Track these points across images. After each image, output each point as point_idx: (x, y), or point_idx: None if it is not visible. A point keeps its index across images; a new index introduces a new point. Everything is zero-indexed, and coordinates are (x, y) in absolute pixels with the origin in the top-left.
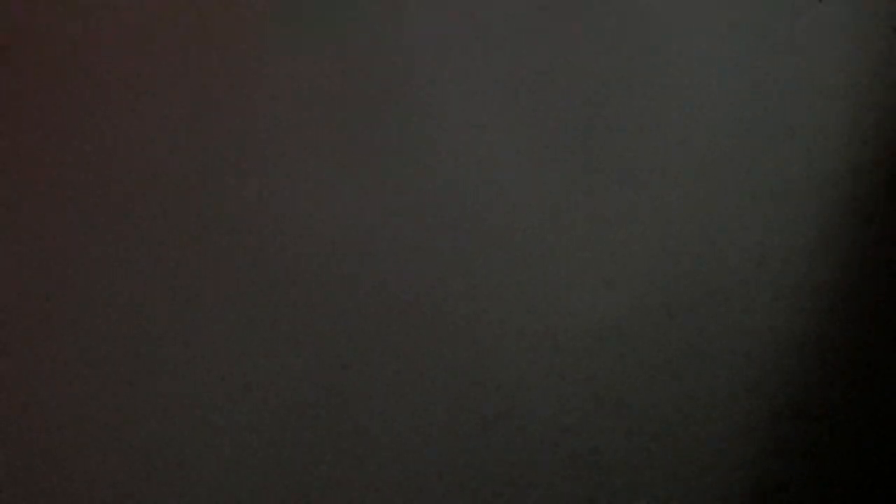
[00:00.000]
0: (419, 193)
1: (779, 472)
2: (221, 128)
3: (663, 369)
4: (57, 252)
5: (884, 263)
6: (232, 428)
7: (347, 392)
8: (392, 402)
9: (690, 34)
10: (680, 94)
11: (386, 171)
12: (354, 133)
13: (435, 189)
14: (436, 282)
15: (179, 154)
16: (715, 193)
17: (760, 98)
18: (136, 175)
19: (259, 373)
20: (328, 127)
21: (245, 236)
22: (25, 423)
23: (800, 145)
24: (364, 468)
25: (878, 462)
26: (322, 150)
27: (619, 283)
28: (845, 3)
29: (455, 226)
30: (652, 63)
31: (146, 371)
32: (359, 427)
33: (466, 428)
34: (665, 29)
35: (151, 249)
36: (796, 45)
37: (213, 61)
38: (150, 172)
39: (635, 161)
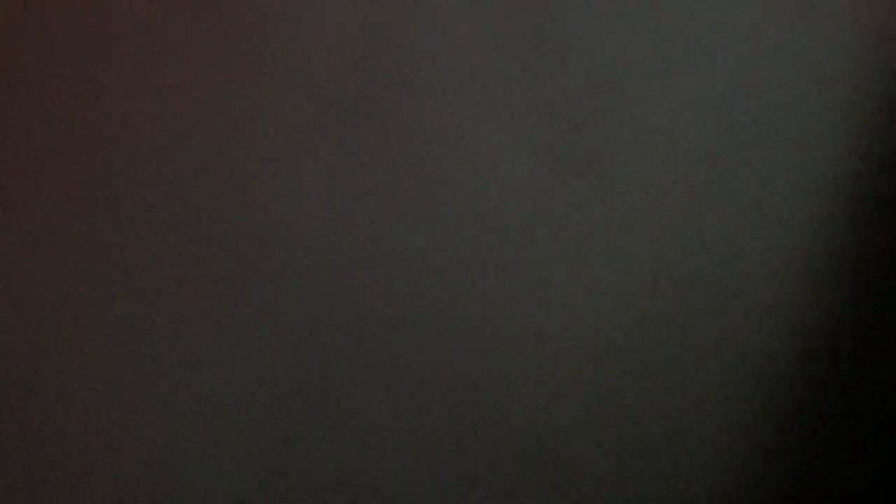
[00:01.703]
0: (412, 193)
1: (777, 476)
2: (220, 127)
3: (662, 370)
4: (54, 250)
5: (884, 264)
6: (231, 426)
7: (342, 392)
8: (384, 403)
9: (690, 34)
10: (680, 94)
11: (380, 171)
12: (351, 132)
13: (429, 187)
14: (430, 282)
15: (178, 153)
16: (715, 194)
17: (760, 99)
18: (132, 174)
19: (256, 371)
20: (324, 124)
21: (243, 235)
22: (24, 422)
23: (800, 145)
24: (361, 467)
25: (880, 466)
26: (319, 147)
27: (617, 283)
28: (846, 4)
29: (451, 225)
30: (652, 64)
31: (142, 371)
32: (354, 428)
33: (459, 429)
34: (665, 29)
35: (147, 249)
36: (797, 46)
37: (214, 60)
38: (147, 171)
39: (635, 161)
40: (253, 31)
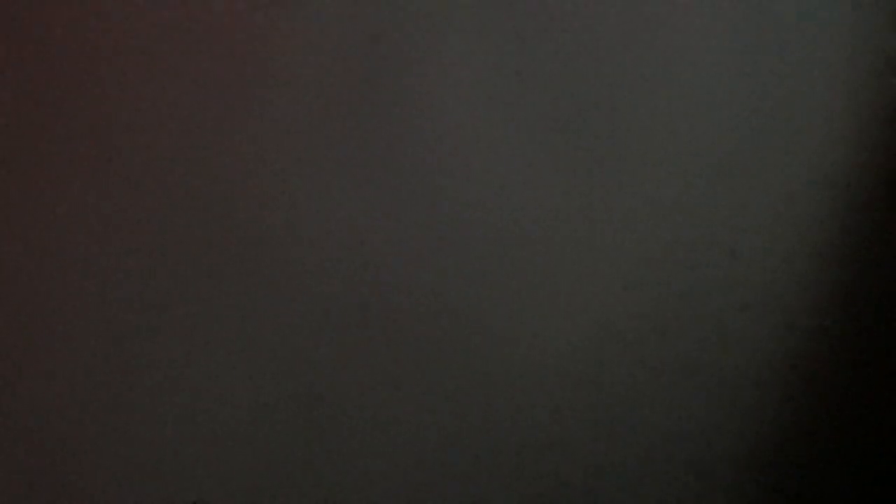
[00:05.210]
0: (414, 196)
1: (778, 479)
2: (222, 130)
3: (662, 372)
4: (54, 248)
5: (884, 265)
6: (232, 426)
7: (343, 396)
8: (385, 405)
9: (691, 34)
10: (681, 94)
11: (382, 174)
12: (354, 136)
13: (431, 190)
14: (432, 284)
15: (181, 156)
16: (715, 195)
17: (761, 99)
18: (133, 177)
19: (253, 374)
20: (325, 127)
21: (244, 238)
22: (22, 423)
23: (800, 145)
24: (362, 469)
25: (880, 469)
26: (323, 150)
27: (617, 285)
28: (844, 4)
29: (452, 227)
30: (653, 63)
31: (141, 372)
32: (356, 430)
33: (464, 430)
34: (666, 29)
35: (149, 248)
36: (796, 45)
37: (216, 61)
38: (149, 175)
39: (636, 162)
40: (258, 35)
